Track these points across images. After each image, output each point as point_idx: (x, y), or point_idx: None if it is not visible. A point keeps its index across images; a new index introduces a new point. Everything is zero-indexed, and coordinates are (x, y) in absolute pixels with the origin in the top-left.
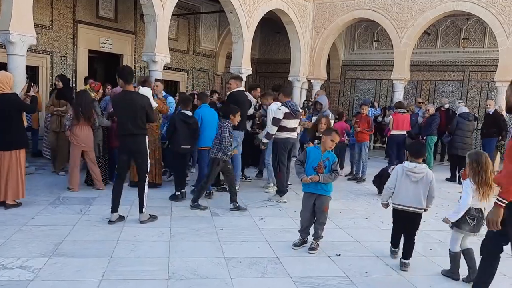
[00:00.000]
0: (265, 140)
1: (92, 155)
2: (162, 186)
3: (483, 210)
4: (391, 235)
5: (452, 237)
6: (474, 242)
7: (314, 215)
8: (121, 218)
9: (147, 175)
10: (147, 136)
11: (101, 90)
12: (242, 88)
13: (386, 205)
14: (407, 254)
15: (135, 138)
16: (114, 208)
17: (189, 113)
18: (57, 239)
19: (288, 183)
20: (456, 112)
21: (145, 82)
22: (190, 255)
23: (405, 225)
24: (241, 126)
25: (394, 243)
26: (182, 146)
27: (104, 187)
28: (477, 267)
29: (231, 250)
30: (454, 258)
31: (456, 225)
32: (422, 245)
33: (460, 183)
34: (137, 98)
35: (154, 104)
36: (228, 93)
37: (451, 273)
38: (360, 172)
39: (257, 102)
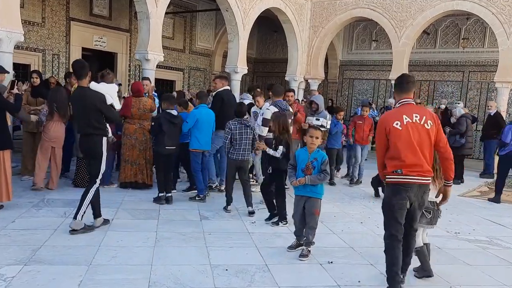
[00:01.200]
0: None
1: (59, 153)
2: (154, 187)
3: (437, 202)
4: None
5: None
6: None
7: (304, 218)
8: (106, 222)
9: (97, 180)
10: (104, 138)
11: None
12: (228, 87)
13: None
14: None
15: (88, 139)
16: (97, 214)
17: (174, 112)
18: (36, 244)
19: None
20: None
21: (103, 77)
22: (175, 262)
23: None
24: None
25: None
26: (166, 147)
27: (55, 187)
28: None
29: (218, 257)
30: (420, 253)
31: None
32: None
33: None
34: (89, 95)
35: (112, 102)
36: (213, 93)
37: (424, 271)
38: (357, 174)
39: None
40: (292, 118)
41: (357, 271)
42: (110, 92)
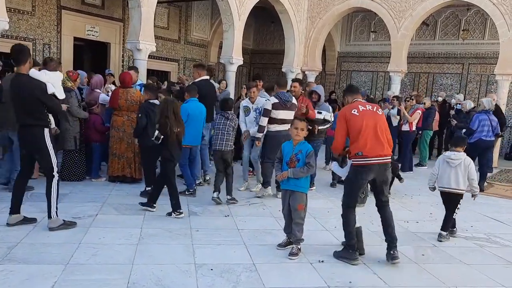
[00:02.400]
0: (258, 135)
1: None
2: (142, 181)
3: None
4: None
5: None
6: None
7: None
8: (27, 220)
9: (54, 174)
10: (46, 129)
11: (78, 80)
12: (206, 77)
13: (433, 189)
14: (444, 227)
15: (28, 130)
16: (14, 209)
17: (157, 102)
18: (13, 242)
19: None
20: (454, 106)
21: (46, 64)
22: (157, 261)
23: (448, 205)
24: (209, 118)
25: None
26: (152, 139)
27: (37, 176)
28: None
29: (203, 255)
30: (354, 233)
31: None
32: (414, 250)
33: None
34: (27, 83)
35: (54, 91)
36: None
37: (353, 254)
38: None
39: None
40: (303, 112)
41: (349, 271)
42: (52, 80)
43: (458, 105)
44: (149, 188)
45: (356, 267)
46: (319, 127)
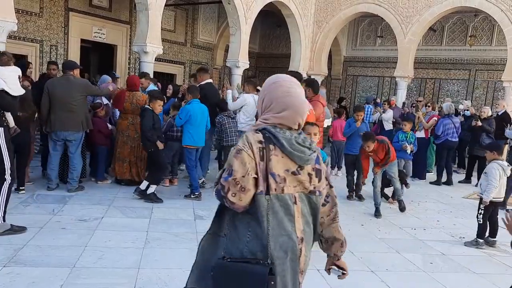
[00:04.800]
0: None
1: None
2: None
3: None
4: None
5: None
6: None
7: None
8: (11, 231)
9: (6, 177)
10: (1, 129)
11: None
12: (210, 80)
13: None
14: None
15: None
16: None
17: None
18: (19, 244)
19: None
20: (461, 112)
21: None
22: (164, 265)
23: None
24: (211, 120)
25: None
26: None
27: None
28: None
29: None
30: None
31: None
32: (422, 258)
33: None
34: None
35: (4, 87)
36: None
37: None
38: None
39: None
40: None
41: (355, 278)
42: (3, 76)
43: (466, 111)
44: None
45: (363, 275)
46: None
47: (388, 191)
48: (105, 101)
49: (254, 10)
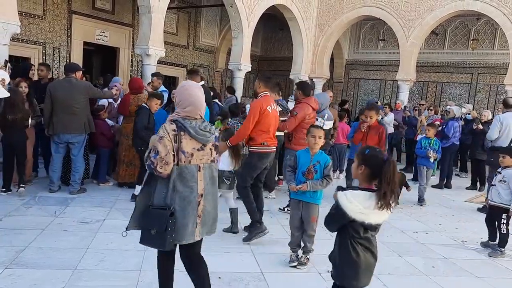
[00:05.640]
0: None
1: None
2: None
3: (233, 171)
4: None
5: (227, 196)
6: None
7: (302, 224)
8: None
9: None
10: None
11: None
12: (201, 82)
13: None
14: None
15: None
16: None
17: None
18: (21, 246)
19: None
20: (463, 116)
21: None
22: None
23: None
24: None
25: None
26: None
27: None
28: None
29: (211, 263)
30: (233, 213)
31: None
32: (424, 262)
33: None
34: None
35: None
36: None
37: (231, 228)
38: None
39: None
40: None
41: None
42: None
43: (468, 115)
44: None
45: None
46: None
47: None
48: (107, 100)
49: (256, 13)
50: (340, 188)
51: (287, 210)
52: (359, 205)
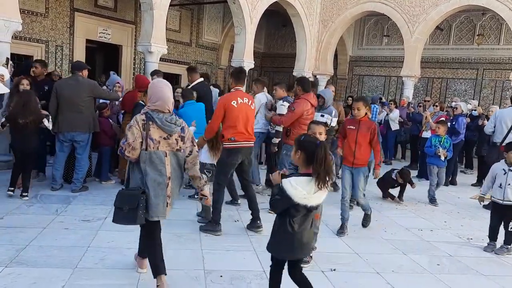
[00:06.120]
0: (276, 141)
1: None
2: None
3: (215, 165)
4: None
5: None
6: None
7: None
8: None
9: None
10: None
11: None
12: (201, 79)
13: None
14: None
15: None
16: None
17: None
18: (21, 244)
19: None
20: (469, 112)
21: None
22: (166, 267)
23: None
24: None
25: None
26: None
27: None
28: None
29: (213, 261)
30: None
31: None
32: (429, 259)
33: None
34: None
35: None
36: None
37: (206, 217)
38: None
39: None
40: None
41: (361, 280)
42: None
43: (473, 111)
44: None
45: (369, 277)
46: None
47: (395, 191)
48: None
49: (259, 10)
50: (283, 176)
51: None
52: (303, 190)
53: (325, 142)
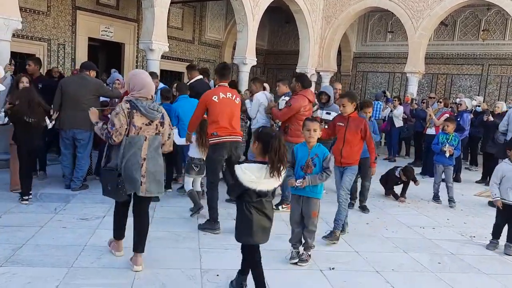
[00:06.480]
0: None
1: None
2: None
3: (203, 159)
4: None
5: (186, 180)
6: None
7: (303, 219)
8: None
9: None
10: None
11: None
12: (200, 76)
13: None
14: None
15: None
16: None
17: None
18: (18, 243)
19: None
20: (473, 108)
21: None
22: (163, 265)
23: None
24: None
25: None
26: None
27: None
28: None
29: (210, 260)
30: (191, 195)
31: (186, 171)
32: (430, 258)
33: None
34: None
35: None
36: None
37: (197, 208)
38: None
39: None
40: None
41: (360, 279)
42: None
43: (478, 107)
44: None
45: (368, 276)
46: None
47: (397, 188)
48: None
49: (261, 6)
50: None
51: (282, 208)
52: (251, 175)
53: (279, 134)
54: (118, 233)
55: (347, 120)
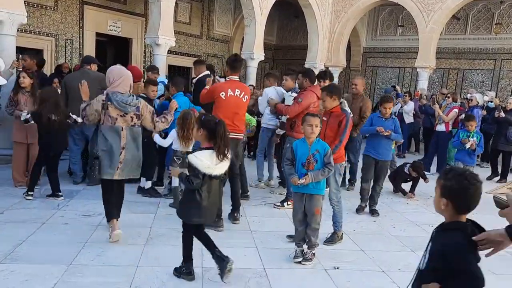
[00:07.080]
0: (280, 132)
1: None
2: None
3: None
4: None
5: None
6: None
7: (306, 217)
8: None
9: None
10: None
11: None
12: (207, 72)
13: None
14: None
15: None
16: None
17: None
18: (18, 239)
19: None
20: (485, 104)
21: None
22: (164, 263)
23: None
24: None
25: None
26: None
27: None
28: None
29: (212, 258)
30: (174, 191)
31: (170, 164)
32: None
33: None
34: None
35: None
36: (194, 80)
37: (175, 204)
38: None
39: None
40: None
41: (366, 279)
42: None
43: (490, 102)
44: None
45: (374, 275)
46: None
47: (406, 186)
48: None
49: (269, 0)
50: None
51: (287, 204)
52: (207, 161)
53: (223, 120)
54: (110, 213)
55: (329, 115)
